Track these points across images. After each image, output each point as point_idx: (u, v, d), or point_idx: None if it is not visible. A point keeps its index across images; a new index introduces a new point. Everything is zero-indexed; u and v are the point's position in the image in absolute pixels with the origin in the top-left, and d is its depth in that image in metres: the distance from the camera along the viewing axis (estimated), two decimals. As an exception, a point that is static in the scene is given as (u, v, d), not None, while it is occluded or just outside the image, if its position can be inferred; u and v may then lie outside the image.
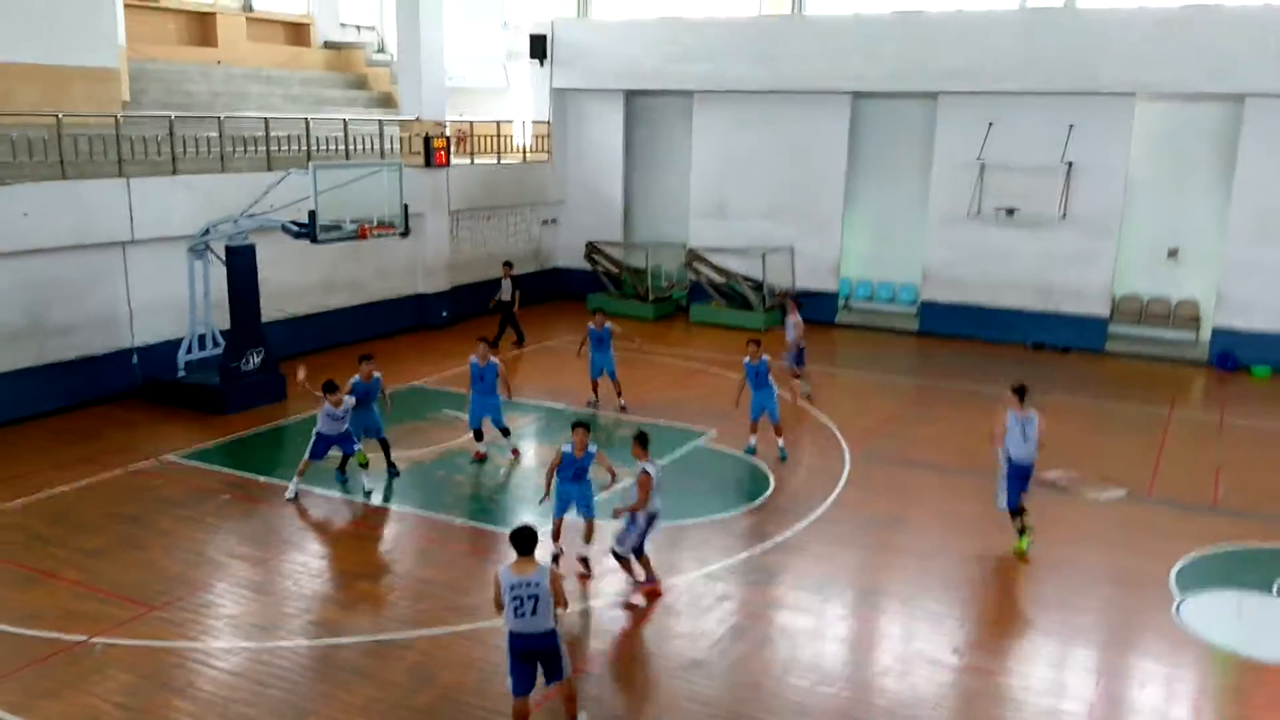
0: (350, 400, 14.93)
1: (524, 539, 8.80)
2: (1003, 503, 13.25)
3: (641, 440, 12.01)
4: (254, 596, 12.09)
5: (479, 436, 16.55)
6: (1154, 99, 24.78)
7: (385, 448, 15.89)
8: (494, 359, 16.42)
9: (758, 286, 27.71)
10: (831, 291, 28.43)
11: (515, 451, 16.75)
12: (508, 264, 24.69)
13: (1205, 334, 25.02)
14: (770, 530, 14.03)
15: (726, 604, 11.97)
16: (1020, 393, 13.21)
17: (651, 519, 11.97)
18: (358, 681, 10.21)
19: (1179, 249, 25.47)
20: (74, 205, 18.58)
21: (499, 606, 8.83)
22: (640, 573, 12.16)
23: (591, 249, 29.93)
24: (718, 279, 28.35)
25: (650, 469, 11.86)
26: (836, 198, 27.95)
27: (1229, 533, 14.27)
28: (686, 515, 14.48)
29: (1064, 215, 25.28)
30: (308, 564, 12.95)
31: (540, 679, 9.04)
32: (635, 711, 9.83)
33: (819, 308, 28.17)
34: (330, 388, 14.65)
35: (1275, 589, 12.60)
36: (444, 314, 25.57)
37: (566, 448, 12.43)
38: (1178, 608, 12.05)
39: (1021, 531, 13.28)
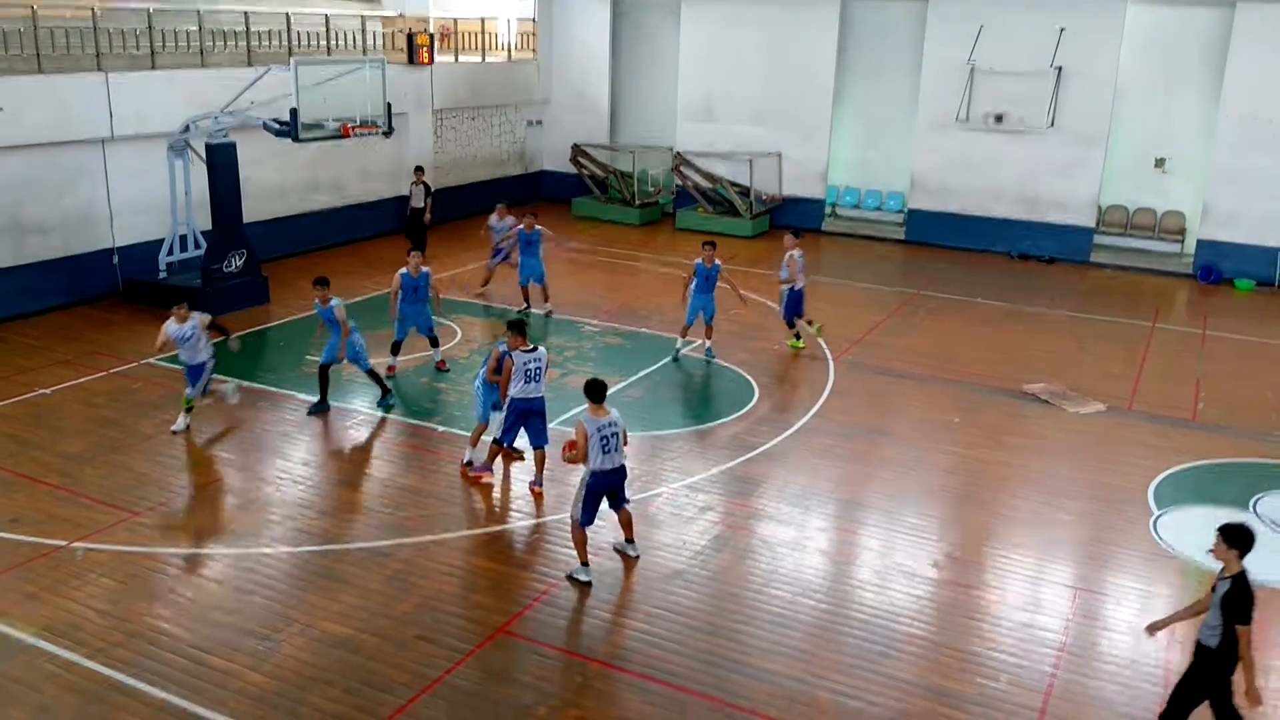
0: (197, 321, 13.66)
1: (598, 388, 10.34)
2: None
3: (515, 327, 12.24)
4: (235, 503, 12.12)
5: (396, 350, 16.02)
6: (1145, 2, 24.38)
7: (434, 345, 16.42)
8: (425, 268, 15.95)
9: (745, 192, 27.45)
10: (818, 199, 28.20)
11: (441, 363, 16.42)
12: (418, 169, 23.89)
13: (1190, 246, 24.98)
14: (753, 441, 14.07)
15: (709, 515, 12.05)
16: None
17: (515, 409, 12.20)
18: (339, 588, 10.28)
19: (1166, 159, 25.28)
20: (51, 100, 18.25)
21: (584, 456, 10.18)
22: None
23: (577, 152, 29.55)
24: (705, 184, 28.07)
25: (513, 355, 12.01)
26: (825, 102, 27.58)
27: (1207, 447, 14.38)
28: (669, 425, 14.53)
29: (1052, 122, 25.04)
30: (290, 470, 12.94)
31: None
32: (617, 622, 9.92)
33: (806, 215, 28.04)
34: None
35: (1252, 504, 12.71)
36: (427, 218, 25.23)
37: (502, 346, 12.44)
38: (1155, 523, 12.17)
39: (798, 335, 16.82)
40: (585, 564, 10.59)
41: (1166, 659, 9.58)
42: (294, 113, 17.80)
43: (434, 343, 16.43)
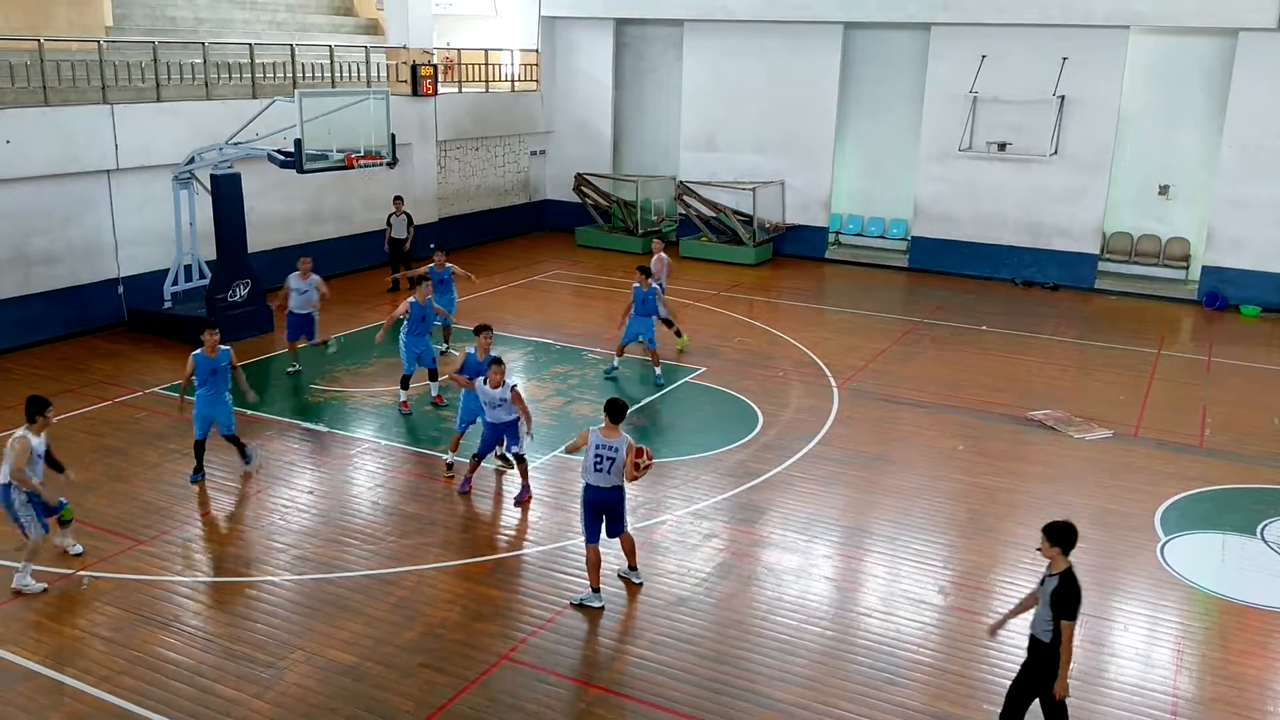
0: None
1: (618, 409, 10.42)
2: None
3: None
4: (240, 531, 12.10)
5: (405, 384, 15.89)
6: (1148, 32, 24.50)
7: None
8: (431, 298, 15.88)
9: (748, 221, 27.53)
10: (822, 226, 28.28)
11: (438, 399, 16.31)
12: (398, 199, 23.62)
13: (1195, 272, 24.99)
14: (757, 468, 14.06)
15: (713, 542, 12.02)
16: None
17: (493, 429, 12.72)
18: (344, 616, 10.26)
19: (1170, 186, 25.32)
20: (57, 133, 18.38)
21: (571, 449, 10.68)
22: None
23: (581, 181, 29.68)
24: (707, 213, 28.17)
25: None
26: (827, 131, 27.71)
27: (1215, 474, 14.33)
28: (674, 453, 14.52)
29: (1055, 150, 25.12)
30: (294, 499, 12.93)
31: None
32: (621, 649, 9.88)
33: (810, 243, 28.13)
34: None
35: (1260, 530, 12.67)
36: (431, 245, 25.30)
37: (471, 349, 13.42)
38: (1162, 549, 12.13)
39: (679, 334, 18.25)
40: (596, 590, 10.53)
41: (1175, 684, 9.54)
42: (298, 144, 17.90)
43: (433, 375, 16.33)
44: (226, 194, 19.03)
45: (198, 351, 13.01)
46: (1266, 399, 17.69)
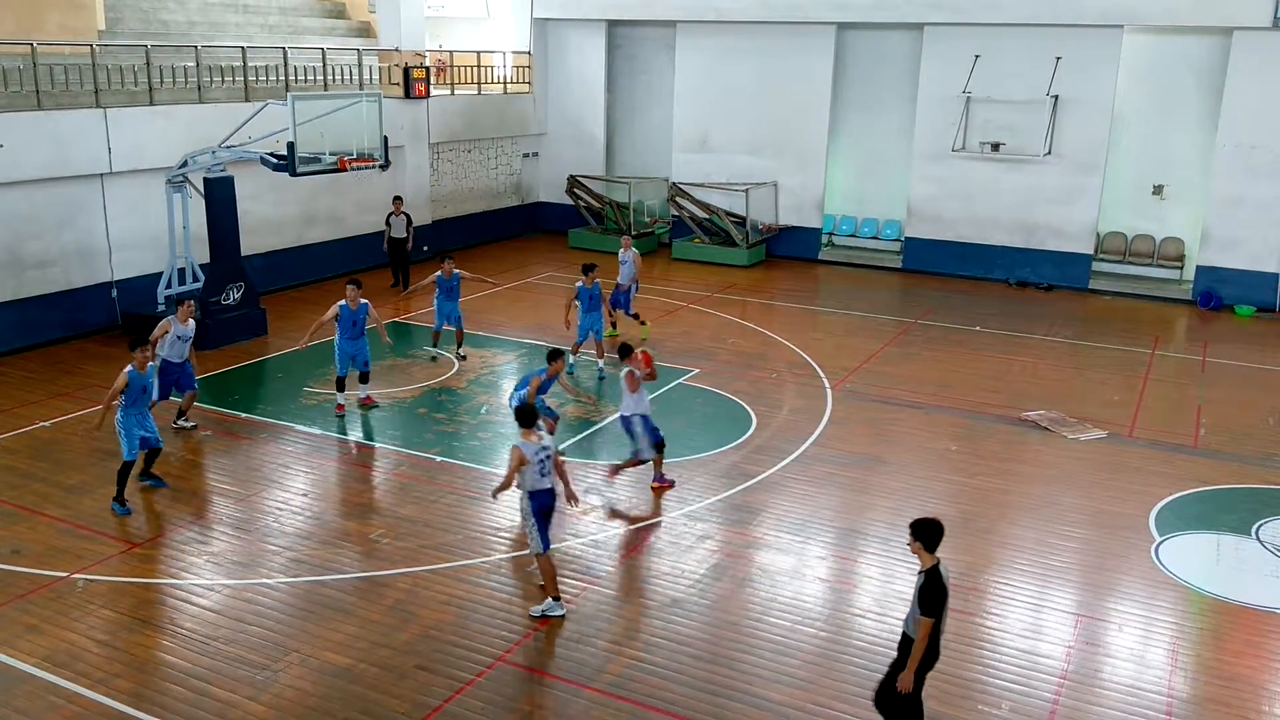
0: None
1: (527, 415, 10.33)
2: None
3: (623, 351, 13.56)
4: (235, 533, 12.09)
5: (341, 386, 15.80)
6: (1142, 31, 24.56)
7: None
8: (364, 300, 15.72)
9: (741, 222, 27.56)
10: (815, 227, 28.31)
11: (369, 399, 16.22)
12: (397, 199, 23.85)
13: (1190, 272, 25.02)
14: (751, 469, 14.07)
15: (707, 543, 12.03)
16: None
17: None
18: (339, 619, 10.26)
19: (1165, 185, 25.36)
20: (51, 136, 18.37)
21: (509, 481, 10.25)
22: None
23: (573, 183, 29.70)
24: (700, 214, 28.20)
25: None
26: (820, 132, 27.74)
27: (1210, 474, 14.36)
28: (668, 454, 14.45)
29: (1049, 150, 25.17)
30: (289, 501, 12.93)
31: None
32: (615, 651, 9.89)
33: (803, 244, 28.15)
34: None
35: (1255, 530, 12.67)
36: (425, 248, 25.35)
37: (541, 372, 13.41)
38: (1157, 549, 12.13)
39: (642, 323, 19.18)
40: (557, 598, 10.41)
41: (1170, 685, 9.56)
42: (291, 147, 17.88)
43: (364, 379, 16.08)
44: (219, 197, 19.03)
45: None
46: (1261, 399, 17.72)
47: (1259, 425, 16.37)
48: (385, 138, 19.59)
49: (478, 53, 29.44)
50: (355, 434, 15.21)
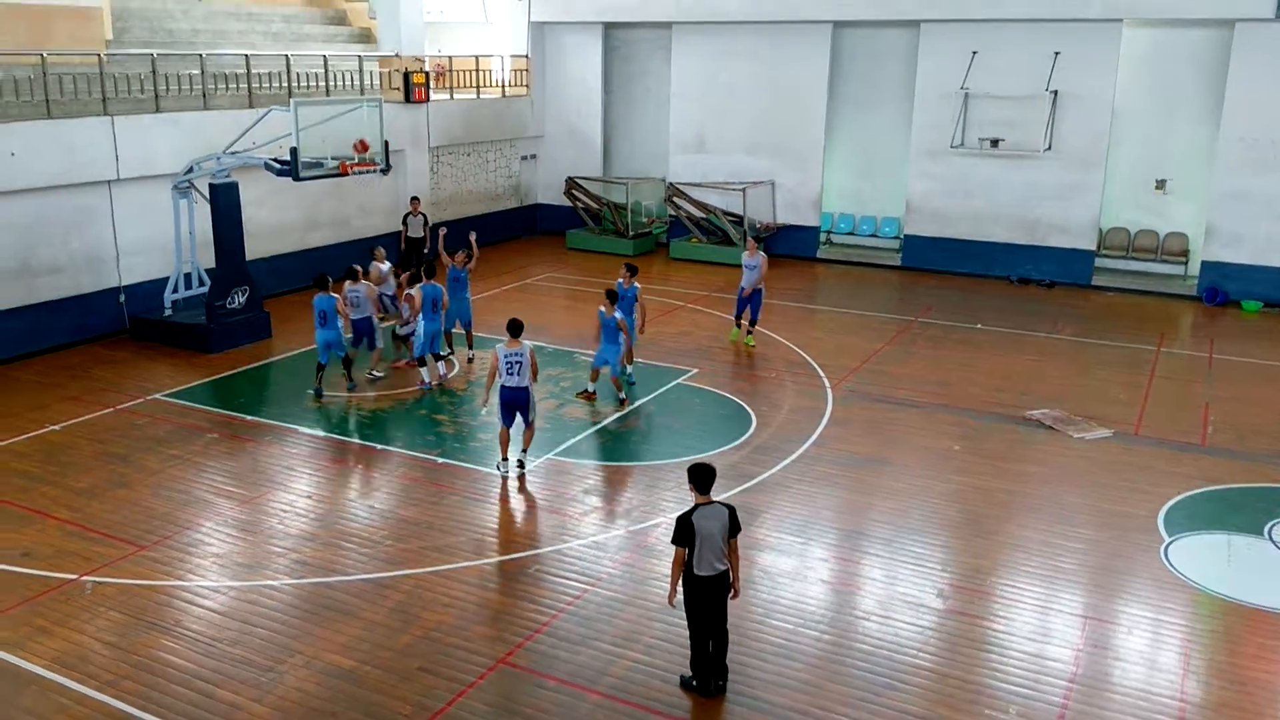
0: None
1: (517, 326, 13.63)
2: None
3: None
4: (240, 535, 12.20)
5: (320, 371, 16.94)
6: (1141, 24, 24.51)
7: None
8: (336, 295, 16.73)
9: (738, 221, 27.62)
10: (813, 226, 28.34)
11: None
12: (415, 199, 24.25)
13: (1194, 267, 24.90)
14: (752, 470, 14.11)
15: (708, 543, 12.07)
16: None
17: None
18: (342, 620, 10.36)
19: (1167, 180, 25.26)
20: (60, 144, 18.56)
21: (493, 376, 13.60)
22: None
23: (571, 185, 29.81)
24: (698, 214, 28.27)
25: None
26: (817, 130, 27.77)
27: (1218, 473, 14.23)
28: (666, 455, 14.59)
29: (1049, 146, 25.13)
30: (293, 503, 13.04)
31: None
32: (617, 653, 9.93)
33: (801, 242, 28.20)
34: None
35: (1268, 530, 12.52)
36: (425, 251, 25.41)
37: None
38: (1166, 550, 12.03)
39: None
40: (505, 459, 13.87)
41: (1182, 689, 9.48)
42: (294, 152, 18.00)
43: (347, 362, 17.09)
44: (225, 202, 19.16)
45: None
46: (1270, 395, 17.58)
47: (1269, 423, 16.15)
48: (386, 142, 19.69)
49: (476, 57, 29.56)
50: (362, 435, 15.30)
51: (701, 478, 9.06)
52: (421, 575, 11.27)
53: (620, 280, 17.38)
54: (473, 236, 19.64)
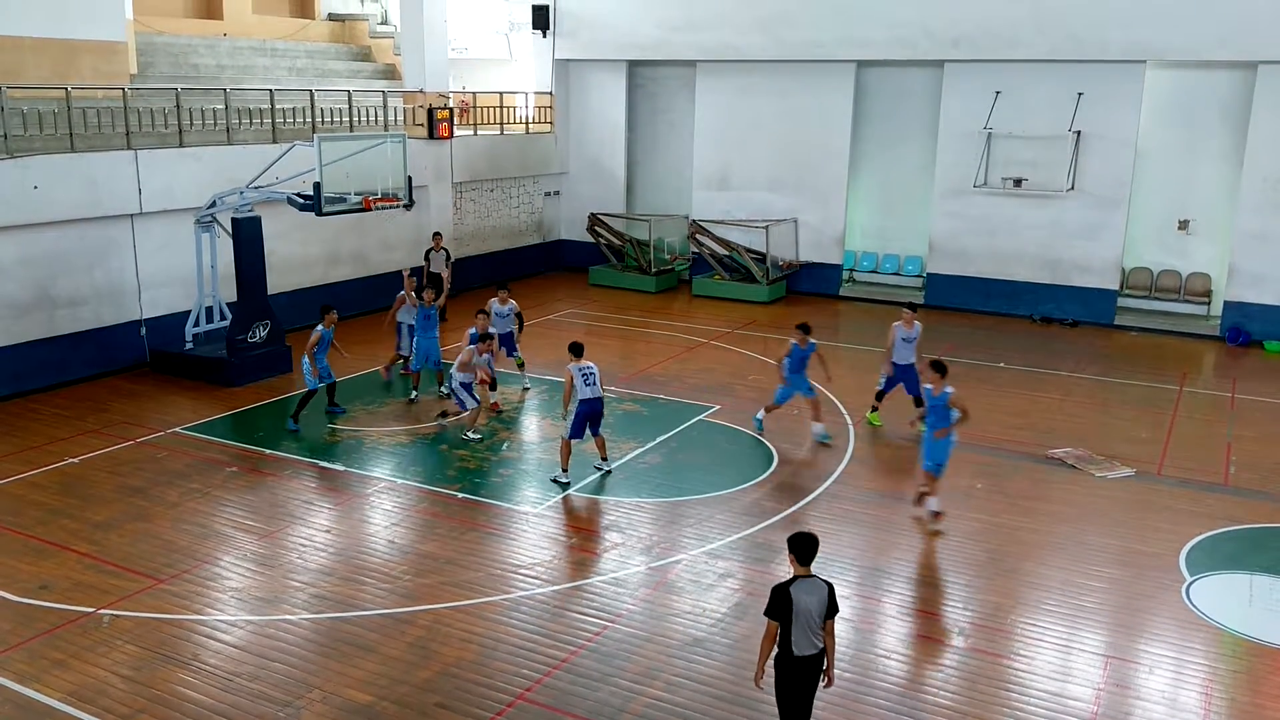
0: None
1: (578, 347, 14.68)
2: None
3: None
4: (259, 570, 12.16)
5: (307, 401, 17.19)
6: (1164, 66, 24.54)
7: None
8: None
9: (761, 259, 27.62)
10: (836, 264, 28.34)
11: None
12: (437, 234, 24.41)
13: (1217, 307, 24.83)
14: (773, 506, 14.04)
15: (728, 581, 11.98)
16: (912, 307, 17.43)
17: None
18: (360, 655, 10.28)
19: (1190, 220, 25.22)
20: (83, 178, 18.68)
21: (569, 393, 14.34)
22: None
23: (594, 221, 29.90)
24: (720, 251, 28.30)
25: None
26: (841, 169, 27.84)
27: (1241, 513, 14.15)
28: (688, 491, 14.52)
29: (1072, 186, 25.13)
30: (312, 537, 12.99)
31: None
32: (637, 690, 9.84)
33: (824, 280, 28.20)
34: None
35: (1288, 570, 12.38)
36: (448, 286, 25.52)
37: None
38: (1188, 589, 11.94)
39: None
40: (565, 469, 14.67)
41: (1198, 726, 9.39)
42: (317, 187, 18.11)
43: (331, 390, 17.37)
44: (247, 237, 19.24)
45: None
46: (1291, 435, 17.45)
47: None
48: (409, 178, 19.81)
49: (500, 93, 29.78)
50: (381, 470, 15.25)
51: (804, 548, 8.38)
52: (440, 610, 11.19)
53: (794, 341, 16.43)
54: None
